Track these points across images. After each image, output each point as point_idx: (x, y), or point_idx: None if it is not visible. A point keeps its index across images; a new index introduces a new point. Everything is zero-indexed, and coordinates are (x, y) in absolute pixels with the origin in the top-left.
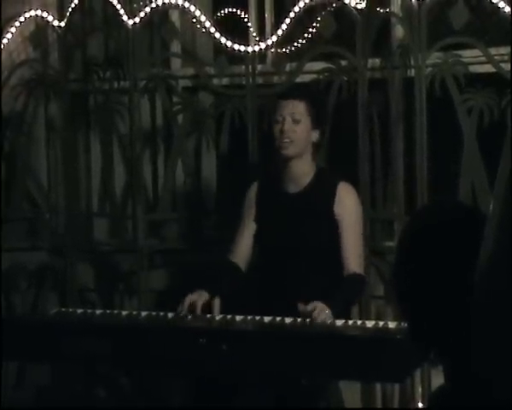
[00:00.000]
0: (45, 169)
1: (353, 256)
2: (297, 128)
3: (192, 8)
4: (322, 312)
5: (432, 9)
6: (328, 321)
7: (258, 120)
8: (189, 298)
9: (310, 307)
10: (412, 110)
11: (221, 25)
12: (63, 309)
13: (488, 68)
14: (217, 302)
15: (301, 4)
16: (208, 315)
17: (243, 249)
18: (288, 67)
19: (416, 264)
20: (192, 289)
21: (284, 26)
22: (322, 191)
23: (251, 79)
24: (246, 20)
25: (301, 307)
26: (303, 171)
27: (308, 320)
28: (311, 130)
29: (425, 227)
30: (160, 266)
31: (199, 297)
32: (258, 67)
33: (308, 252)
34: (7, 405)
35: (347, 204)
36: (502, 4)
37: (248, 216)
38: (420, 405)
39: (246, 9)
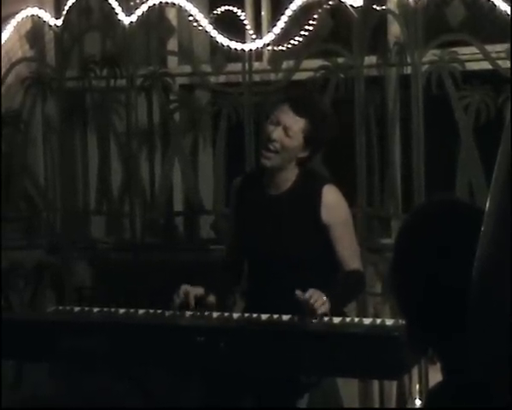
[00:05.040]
0: (42, 167)
1: (350, 254)
2: (286, 141)
3: (188, 6)
4: (319, 299)
5: (428, 7)
6: (327, 310)
7: (254, 117)
8: (184, 288)
9: (307, 294)
10: (409, 108)
11: (217, 23)
12: (60, 307)
13: (485, 65)
14: (211, 299)
15: (298, 2)
16: (206, 313)
17: (235, 247)
18: (284, 65)
19: (414, 261)
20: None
21: (281, 24)
22: (305, 195)
23: (247, 77)
24: (242, 17)
25: (299, 293)
26: (285, 177)
27: (307, 310)
28: (301, 148)
29: (423, 224)
30: (156, 264)
31: (193, 290)
32: (255, 64)
33: (291, 256)
34: (5, 404)
35: (335, 208)
36: (498, 1)
37: (233, 214)
38: (417, 402)
39: (242, 7)
